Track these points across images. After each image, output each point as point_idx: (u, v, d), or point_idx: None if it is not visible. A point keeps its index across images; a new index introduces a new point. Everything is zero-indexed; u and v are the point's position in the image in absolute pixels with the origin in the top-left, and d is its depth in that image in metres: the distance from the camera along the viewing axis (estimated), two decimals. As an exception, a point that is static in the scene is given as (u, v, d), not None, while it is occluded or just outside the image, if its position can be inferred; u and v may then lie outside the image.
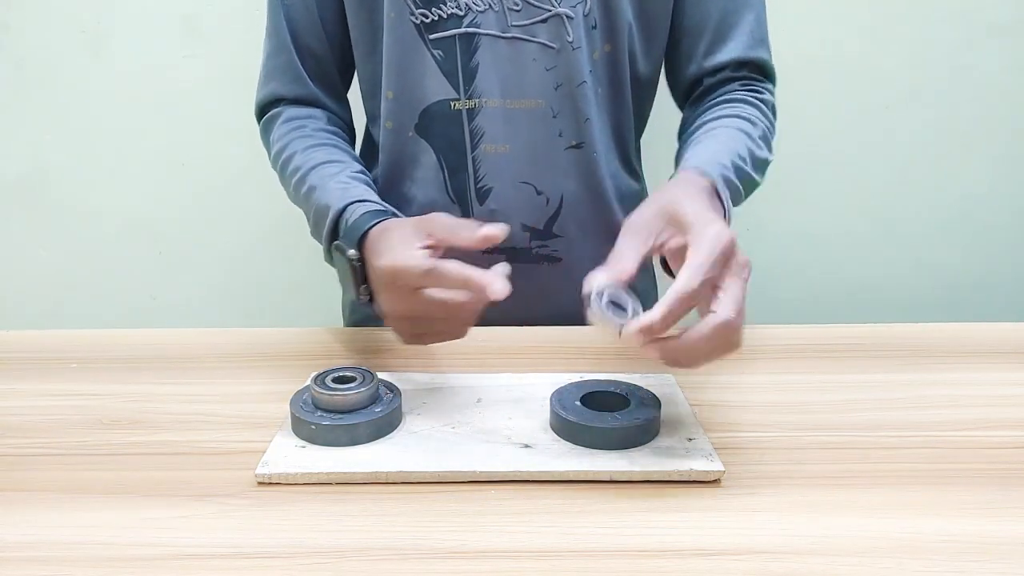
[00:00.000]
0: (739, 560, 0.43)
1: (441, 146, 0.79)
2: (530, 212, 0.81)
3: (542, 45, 0.76)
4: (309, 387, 0.57)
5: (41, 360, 0.70)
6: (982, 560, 0.43)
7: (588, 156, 0.80)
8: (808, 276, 1.39)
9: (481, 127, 0.78)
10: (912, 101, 1.30)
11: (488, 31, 0.75)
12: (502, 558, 0.43)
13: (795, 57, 1.25)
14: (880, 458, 0.54)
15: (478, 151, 0.79)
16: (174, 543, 0.44)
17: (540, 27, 0.76)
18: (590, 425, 0.53)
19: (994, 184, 1.34)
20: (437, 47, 0.76)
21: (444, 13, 0.75)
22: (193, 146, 1.30)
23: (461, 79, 0.77)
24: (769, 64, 0.82)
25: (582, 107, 0.78)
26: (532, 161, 0.79)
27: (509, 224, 0.79)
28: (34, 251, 1.35)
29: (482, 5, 0.75)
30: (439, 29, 0.76)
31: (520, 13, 0.75)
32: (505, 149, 0.78)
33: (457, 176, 0.80)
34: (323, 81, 0.84)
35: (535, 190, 0.80)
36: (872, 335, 0.76)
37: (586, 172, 0.81)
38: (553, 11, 0.75)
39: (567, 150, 0.79)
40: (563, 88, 0.77)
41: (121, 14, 1.24)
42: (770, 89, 0.83)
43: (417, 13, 0.75)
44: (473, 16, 0.75)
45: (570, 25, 0.75)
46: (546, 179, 0.80)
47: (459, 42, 0.76)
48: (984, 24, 1.26)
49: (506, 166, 0.79)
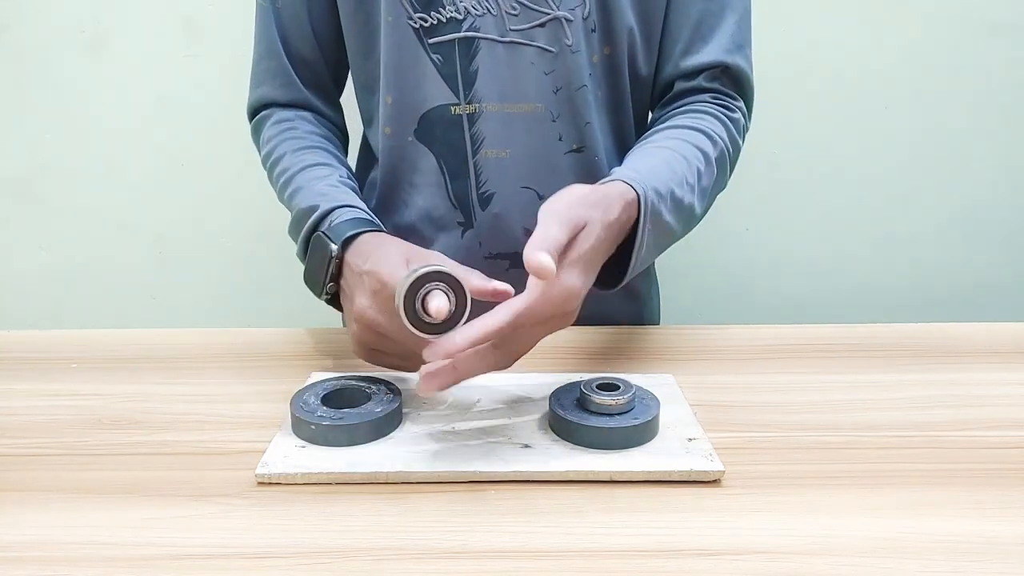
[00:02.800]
0: (739, 560, 0.43)
1: (442, 151, 0.79)
2: (532, 217, 0.80)
3: (541, 49, 0.75)
4: (310, 387, 0.57)
5: (41, 360, 0.70)
6: (982, 560, 0.43)
7: (589, 160, 0.80)
8: (808, 276, 1.39)
9: (481, 132, 0.78)
10: (912, 101, 1.30)
11: (487, 35, 0.75)
12: (502, 558, 0.43)
13: (795, 57, 1.25)
14: (880, 458, 0.54)
15: (479, 156, 0.78)
16: (174, 543, 0.44)
17: (539, 31, 0.75)
18: (590, 425, 0.53)
19: (994, 184, 1.34)
20: (436, 52, 0.76)
21: (443, 17, 0.75)
22: (193, 146, 1.30)
23: (461, 84, 0.77)
24: (745, 73, 0.79)
25: (582, 111, 0.78)
26: (533, 165, 0.79)
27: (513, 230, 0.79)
28: (34, 251, 1.35)
29: (480, 9, 0.74)
30: (438, 33, 0.75)
31: (519, 17, 0.75)
32: (506, 154, 0.78)
33: (458, 181, 0.80)
34: (315, 85, 0.84)
35: (537, 195, 0.79)
36: (872, 335, 0.76)
37: (588, 176, 0.80)
38: (552, 15, 0.75)
39: (567, 154, 0.79)
40: (563, 92, 0.77)
41: (121, 14, 1.24)
42: (742, 109, 0.80)
43: (416, 17, 0.75)
44: (472, 20, 0.75)
45: (569, 28, 0.75)
46: (548, 183, 0.79)
47: (458, 46, 0.76)
48: (984, 24, 1.26)
49: (507, 171, 0.79)
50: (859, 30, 1.26)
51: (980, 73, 1.28)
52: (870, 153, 1.33)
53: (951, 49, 1.27)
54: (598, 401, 0.54)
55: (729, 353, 0.72)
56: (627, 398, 0.54)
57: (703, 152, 0.73)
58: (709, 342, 0.74)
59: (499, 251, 0.81)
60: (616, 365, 0.68)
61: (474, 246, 0.80)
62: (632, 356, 0.71)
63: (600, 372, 0.61)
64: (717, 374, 0.67)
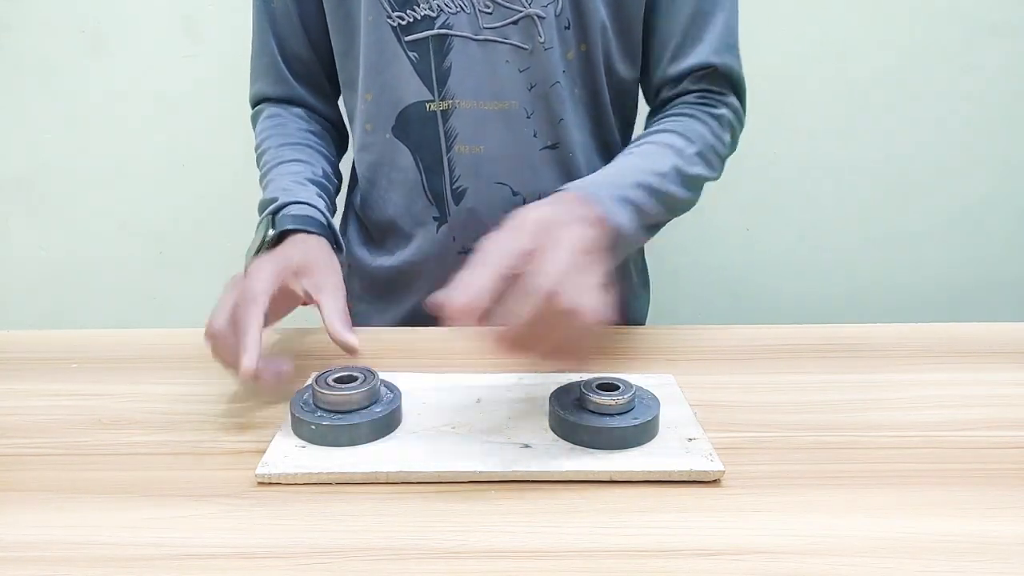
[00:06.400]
0: (739, 560, 0.43)
1: (417, 147, 0.80)
2: (506, 212, 0.80)
3: (514, 46, 0.76)
4: (310, 387, 0.57)
5: (41, 360, 0.70)
6: (982, 560, 0.43)
7: (564, 156, 0.80)
8: (808, 276, 1.39)
9: (455, 128, 0.78)
10: (912, 101, 1.30)
11: (460, 33, 0.76)
12: (502, 558, 0.43)
13: (795, 57, 1.25)
14: (880, 458, 0.54)
15: (452, 152, 0.79)
16: (174, 543, 0.44)
17: (512, 28, 0.76)
18: (590, 425, 0.53)
19: (994, 184, 1.34)
20: (413, 49, 0.77)
21: (418, 15, 0.76)
22: (193, 146, 1.30)
23: (435, 80, 0.77)
24: (736, 72, 0.79)
25: (556, 108, 0.78)
26: (507, 161, 0.79)
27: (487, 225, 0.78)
28: (34, 251, 1.35)
29: (454, 7, 0.75)
30: (414, 31, 0.76)
31: (492, 15, 0.75)
32: (480, 150, 0.79)
33: (433, 177, 0.80)
34: (309, 82, 0.86)
35: (511, 190, 0.80)
36: (872, 335, 0.76)
37: (563, 173, 0.81)
38: (524, 12, 0.75)
39: (543, 150, 0.80)
40: (536, 89, 0.77)
41: (121, 14, 1.24)
42: (731, 104, 0.79)
43: (394, 16, 0.76)
44: (446, 18, 0.76)
45: (542, 25, 0.75)
46: (522, 179, 0.80)
47: (432, 44, 0.77)
48: (984, 24, 1.26)
49: (481, 167, 0.79)
50: (859, 30, 1.26)
51: (980, 73, 1.28)
52: (870, 153, 1.33)
53: (951, 49, 1.27)
54: (598, 401, 0.54)
55: (729, 353, 0.72)
56: (627, 398, 0.54)
57: (677, 150, 0.72)
58: (709, 342, 0.74)
59: (473, 246, 0.80)
60: (616, 365, 0.68)
61: (448, 241, 0.81)
62: (632, 356, 0.71)
63: (600, 372, 0.61)
64: (717, 374, 0.67)
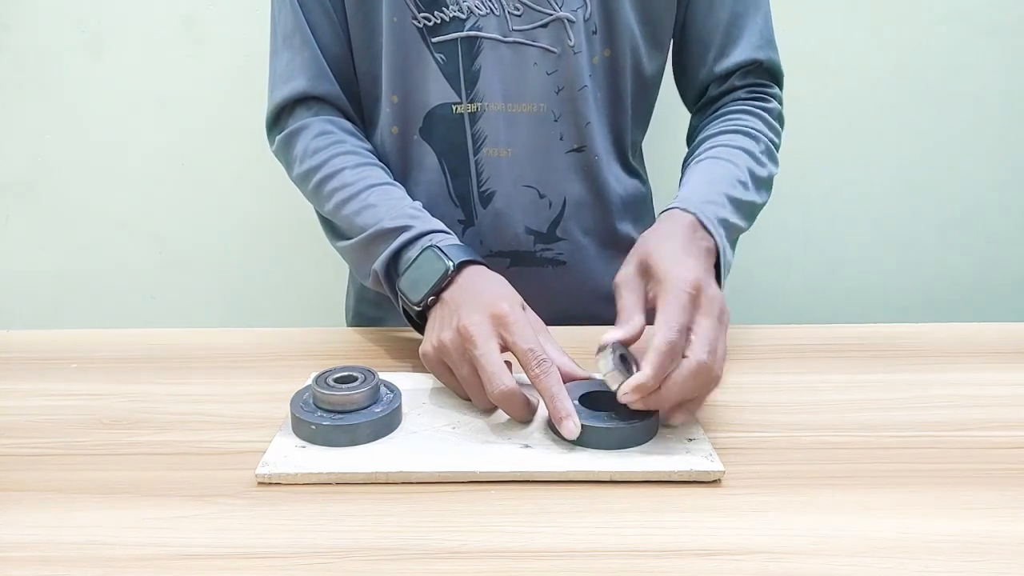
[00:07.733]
0: (739, 560, 0.43)
1: (443, 149, 0.79)
2: (533, 215, 0.81)
3: (543, 49, 0.76)
4: (310, 387, 0.57)
5: (41, 360, 0.70)
6: (982, 560, 0.43)
7: (589, 159, 0.80)
8: (808, 276, 1.39)
9: (483, 131, 0.78)
10: (912, 101, 1.30)
11: (490, 35, 0.75)
12: (502, 558, 0.43)
13: (795, 57, 1.25)
14: (880, 458, 0.54)
15: (480, 155, 0.79)
16: (174, 543, 0.44)
17: (541, 31, 0.76)
18: (590, 425, 0.53)
19: (994, 184, 1.34)
20: (439, 51, 0.76)
21: (447, 17, 0.75)
22: (193, 146, 1.30)
23: (463, 83, 0.77)
24: (777, 65, 0.82)
25: (583, 111, 0.78)
26: (534, 164, 0.79)
27: (514, 228, 0.80)
28: (34, 251, 1.35)
29: (484, 9, 0.75)
30: (441, 33, 0.76)
31: (521, 17, 0.75)
32: (507, 153, 0.79)
33: (459, 179, 0.80)
34: (343, 82, 0.81)
35: (538, 193, 0.80)
36: (872, 335, 0.76)
37: (588, 175, 0.81)
38: (554, 15, 0.75)
39: (568, 153, 0.80)
40: (564, 92, 0.77)
41: (121, 14, 1.23)
42: (776, 96, 0.83)
43: (420, 17, 0.75)
44: (475, 20, 0.75)
45: (571, 29, 0.75)
46: (548, 182, 0.80)
47: (461, 46, 0.76)
48: (984, 24, 1.26)
49: (508, 169, 0.79)
50: (859, 31, 1.26)
51: (980, 73, 1.28)
52: (870, 153, 1.32)
53: (951, 49, 1.27)
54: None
55: (729, 353, 0.71)
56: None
57: (749, 153, 0.75)
58: (709, 342, 0.74)
59: (500, 249, 0.81)
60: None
61: (475, 244, 0.81)
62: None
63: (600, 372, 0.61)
64: (717, 374, 0.67)
